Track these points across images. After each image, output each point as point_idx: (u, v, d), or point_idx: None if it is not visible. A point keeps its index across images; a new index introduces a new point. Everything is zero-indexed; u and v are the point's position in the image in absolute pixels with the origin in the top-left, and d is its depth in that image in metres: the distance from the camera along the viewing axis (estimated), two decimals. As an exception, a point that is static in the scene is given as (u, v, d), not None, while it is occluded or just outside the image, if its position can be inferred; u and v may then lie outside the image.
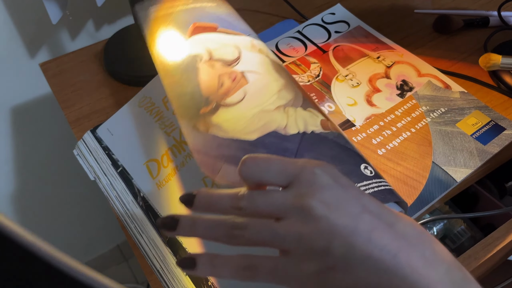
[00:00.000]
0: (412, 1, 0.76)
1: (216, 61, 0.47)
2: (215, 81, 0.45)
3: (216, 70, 0.46)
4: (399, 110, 0.57)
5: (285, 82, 0.45)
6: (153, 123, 0.54)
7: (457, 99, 0.58)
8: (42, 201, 1.06)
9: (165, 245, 0.46)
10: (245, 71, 0.45)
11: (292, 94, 0.44)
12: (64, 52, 0.83)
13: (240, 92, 0.44)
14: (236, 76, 0.45)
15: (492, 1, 0.76)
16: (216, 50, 0.47)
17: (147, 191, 0.49)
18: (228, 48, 0.48)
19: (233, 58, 0.47)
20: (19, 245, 0.14)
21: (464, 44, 0.68)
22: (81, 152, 0.55)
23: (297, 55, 0.65)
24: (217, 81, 0.45)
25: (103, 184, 0.52)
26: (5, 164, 0.93)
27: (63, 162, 0.99)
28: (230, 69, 0.46)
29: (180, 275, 0.43)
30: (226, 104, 0.43)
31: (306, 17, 0.73)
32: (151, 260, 0.46)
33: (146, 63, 0.65)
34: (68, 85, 0.66)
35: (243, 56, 0.47)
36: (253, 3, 0.78)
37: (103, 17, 0.84)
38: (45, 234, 1.14)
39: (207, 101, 0.43)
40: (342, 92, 0.59)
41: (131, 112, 0.56)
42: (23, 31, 0.77)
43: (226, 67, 0.46)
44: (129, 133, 0.54)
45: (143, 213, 0.48)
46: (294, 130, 0.42)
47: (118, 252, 1.37)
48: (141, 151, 0.53)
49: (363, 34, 0.68)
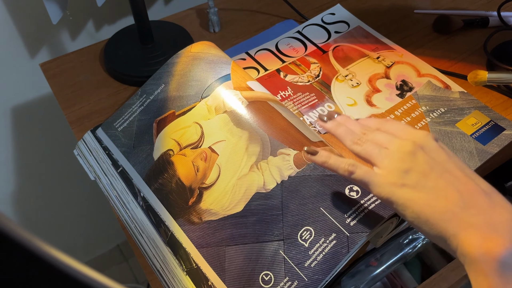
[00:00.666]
0: (412, 1, 0.76)
1: (185, 149, 0.50)
2: (191, 169, 0.48)
3: (188, 157, 0.49)
4: (398, 110, 0.57)
5: (249, 133, 0.48)
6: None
7: (457, 99, 0.58)
8: (42, 201, 1.06)
9: (165, 245, 0.46)
10: (212, 145, 0.49)
11: (259, 144, 0.48)
12: (64, 52, 0.83)
13: (215, 169, 0.48)
14: (206, 154, 0.49)
15: (491, 1, 0.76)
16: (182, 137, 0.51)
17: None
18: (190, 129, 0.51)
19: (198, 137, 0.50)
20: (19, 245, 0.14)
21: (464, 44, 0.68)
22: (81, 152, 0.55)
23: (297, 55, 0.65)
24: (193, 167, 0.48)
25: (103, 184, 0.52)
26: (5, 164, 0.93)
27: (63, 162, 0.99)
28: (199, 151, 0.49)
29: (180, 275, 0.44)
30: (207, 185, 0.47)
31: (306, 17, 0.73)
32: (151, 260, 0.46)
33: (146, 64, 0.65)
34: (68, 85, 0.66)
35: (205, 129, 0.51)
36: (253, 3, 0.78)
37: (103, 17, 0.84)
38: (45, 234, 1.14)
39: (191, 190, 0.47)
40: (342, 92, 0.59)
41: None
42: (23, 31, 0.77)
43: (195, 150, 0.50)
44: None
45: (143, 213, 0.48)
46: (273, 184, 0.45)
47: (118, 252, 1.37)
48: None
49: (363, 34, 0.68)
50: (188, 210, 0.46)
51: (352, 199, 0.42)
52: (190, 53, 0.58)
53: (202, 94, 0.53)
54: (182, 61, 0.57)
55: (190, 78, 0.55)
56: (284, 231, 0.42)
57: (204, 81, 0.54)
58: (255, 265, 0.41)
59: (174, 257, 0.45)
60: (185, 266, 0.44)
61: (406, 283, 0.64)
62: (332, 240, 0.41)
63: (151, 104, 0.55)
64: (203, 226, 0.45)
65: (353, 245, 0.40)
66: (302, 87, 0.60)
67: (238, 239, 0.43)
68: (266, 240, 0.42)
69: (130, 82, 0.65)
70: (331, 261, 0.40)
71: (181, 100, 0.54)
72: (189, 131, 0.51)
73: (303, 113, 0.57)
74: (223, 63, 0.55)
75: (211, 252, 0.43)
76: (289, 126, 0.48)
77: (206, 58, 0.56)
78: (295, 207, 0.43)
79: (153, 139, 0.52)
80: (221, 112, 0.51)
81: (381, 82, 0.60)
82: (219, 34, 0.73)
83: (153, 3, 0.88)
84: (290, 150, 0.46)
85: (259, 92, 0.52)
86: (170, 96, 0.55)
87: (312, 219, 0.42)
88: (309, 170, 0.45)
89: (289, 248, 0.41)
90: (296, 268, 0.40)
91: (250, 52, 0.66)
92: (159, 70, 0.58)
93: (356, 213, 0.41)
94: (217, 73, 0.54)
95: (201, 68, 0.55)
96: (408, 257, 0.55)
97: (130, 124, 0.55)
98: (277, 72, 0.63)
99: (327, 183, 0.44)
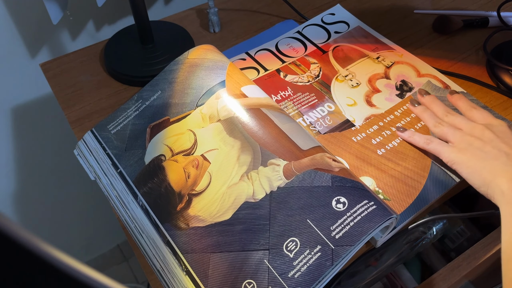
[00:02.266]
0: (412, 2, 0.76)
1: (178, 155, 0.50)
2: (182, 175, 0.49)
3: (180, 163, 0.50)
4: (398, 110, 0.57)
5: (241, 143, 0.49)
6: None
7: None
8: (42, 201, 1.06)
9: (165, 245, 0.46)
10: (204, 153, 0.49)
11: (250, 154, 0.48)
12: (65, 52, 0.83)
13: (206, 176, 0.48)
14: (198, 162, 0.49)
15: (491, 2, 0.76)
16: (175, 143, 0.51)
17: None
18: (184, 136, 0.52)
19: (191, 144, 0.50)
20: (19, 245, 0.14)
21: (464, 45, 0.68)
22: (81, 152, 0.55)
23: (297, 56, 0.65)
24: (184, 173, 0.49)
25: (103, 184, 0.52)
26: (6, 164, 0.93)
27: (64, 162, 0.99)
28: (191, 158, 0.49)
29: (180, 275, 0.44)
30: (197, 192, 0.47)
31: (306, 18, 0.73)
32: (151, 260, 0.46)
33: (146, 64, 0.65)
34: (68, 85, 0.66)
35: (198, 137, 0.51)
36: (253, 3, 0.78)
37: (104, 18, 0.84)
38: (45, 234, 1.14)
39: (180, 196, 0.47)
40: (342, 92, 0.59)
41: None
42: (23, 31, 0.77)
43: (187, 157, 0.50)
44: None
45: (143, 213, 0.48)
46: (262, 194, 0.46)
47: (118, 252, 1.37)
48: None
49: (363, 34, 0.68)
50: (176, 216, 0.47)
51: (339, 211, 0.43)
52: (187, 59, 0.58)
53: (197, 102, 0.54)
54: (179, 69, 0.58)
55: (186, 86, 0.56)
56: (270, 241, 0.43)
57: (200, 89, 0.55)
58: (238, 273, 0.42)
59: (174, 257, 0.45)
60: (184, 266, 0.44)
61: (406, 283, 0.64)
62: (317, 252, 0.41)
63: (146, 110, 0.55)
64: (189, 232, 0.45)
65: (337, 258, 0.40)
66: (302, 87, 0.60)
67: (224, 246, 0.43)
68: (251, 249, 0.43)
69: (130, 82, 0.65)
70: (315, 272, 0.40)
71: (176, 108, 0.54)
72: (182, 138, 0.51)
73: (303, 113, 0.57)
74: (219, 69, 0.56)
75: (196, 258, 0.44)
76: (280, 135, 0.48)
77: (202, 65, 0.57)
78: (282, 218, 0.44)
79: (145, 144, 0.52)
80: (215, 120, 0.51)
81: (381, 82, 0.60)
82: (219, 34, 0.73)
83: (153, 3, 0.88)
84: (280, 161, 0.47)
85: (252, 98, 0.52)
86: (165, 103, 0.55)
87: (299, 230, 0.42)
88: (297, 181, 0.45)
89: (274, 258, 0.42)
90: (279, 278, 0.41)
91: (250, 52, 0.66)
92: (156, 77, 0.59)
93: (342, 226, 0.42)
94: (213, 80, 0.55)
95: (197, 76, 0.56)
96: (408, 257, 0.55)
97: (123, 128, 0.55)
98: (277, 72, 0.63)
99: (315, 195, 0.44)
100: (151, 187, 0.49)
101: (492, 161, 0.44)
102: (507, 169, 0.43)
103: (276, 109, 0.52)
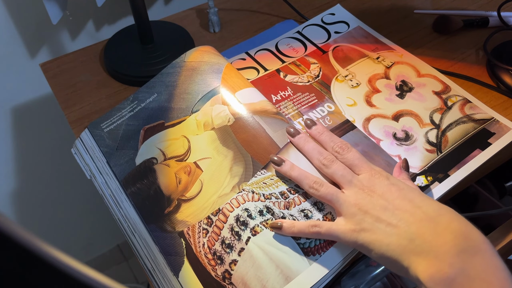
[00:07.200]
0: (412, 2, 0.76)
1: (170, 160, 0.50)
2: (173, 179, 0.49)
3: (172, 168, 0.50)
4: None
5: (234, 154, 0.49)
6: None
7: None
8: (42, 201, 1.06)
9: (155, 245, 0.46)
10: (197, 161, 0.49)
11: (242, 166, 0.48)
12: (64, 52, 0.83)
13: (198, 184, 0.48)
14: (191, 169, 0.49)
15: (491, 2, 0.76)
16: (168, 148, 0.51)
17: (121, 193, 0.50)
18: (178, 142, 0.51)
19: (184, 151, 0.50)
20: (19, 245, 0.14)
21: (464, 45, 0.68)
22: (78, 150, 0.55)
23: (296, 56, 0.65)
24: (175, 178, 0.49)
25: (98, 183, 0.52)
26: (5, 164, 0.93)
27: (63, 162, 0.99)
28: (184, 164, 0.49)
29: (170, 276, 0.44)
30: (187, 198, 0.47)
31: (306, 18, 0.73)
32: (142, 260, 0.46)
33: (146, 64, 0.65)
34: (68, 85, 0.66)
35: (192, 144, 0.51)
36: (253, 3, 0.78)
37: (103, 18, 0.84)
38: (45, 234, 1.14)
39: (169, 200, 0.47)
40: (342, 93, 0.59)
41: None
42: (23, 31, 0.77)
43: (180, 163, 0.50)
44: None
45: (135, 213, 0.48)
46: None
47: (118, 252, 1.37)
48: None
49: (363, 34, 0.68)
50: (163, 218, 0.47)
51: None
52: (184, 63, 0.58)
53: (193, 108, 0.54)
54: (176, 72, 0.58)
55: (182, 90, 0.56)
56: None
57: (195, 94, 0.54)
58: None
59: (164, 258, 0.45)
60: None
61: (406, 283, 0.64)
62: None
63: (141, 111, 0.55)
64: (174, 236, 0.45)
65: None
66: (302, 87, 0.60)
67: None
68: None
69: (130, 82, 0.65)
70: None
71: (171, 112, 0.54)
72: (176, 143, 0.51)
73: (303, 113, 0.57)
74: (215, 73, 0.56)
75: (178, 261, 0.44)
76: (271, 146, 0.48)
77: (199, 69, 0.56)
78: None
79: (138, 145, 0.52)
80: (209, 128, 0.51)
81: (381, 82, 0.60)
82: (219, 34, 0.73)
83: (153, 3, 0.88)
84: (267, 172, 0.47)
85: (246, 104, 0.52)
86: (161, 106, 0.55)
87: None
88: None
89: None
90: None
91: (250, 52, 0.66)
92: (153, 78, 0.58)
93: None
94: (208, 85, 0.55)
95: (193, 80, 0.56)
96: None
97: (117, 127, 0.55)
98: (277, 72, 0.63)
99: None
100: (140, 187, 0.49)
101: (395, 240, 0.37)
102: (416, 249, 0.36)
103: (270, 114, 0.51)
